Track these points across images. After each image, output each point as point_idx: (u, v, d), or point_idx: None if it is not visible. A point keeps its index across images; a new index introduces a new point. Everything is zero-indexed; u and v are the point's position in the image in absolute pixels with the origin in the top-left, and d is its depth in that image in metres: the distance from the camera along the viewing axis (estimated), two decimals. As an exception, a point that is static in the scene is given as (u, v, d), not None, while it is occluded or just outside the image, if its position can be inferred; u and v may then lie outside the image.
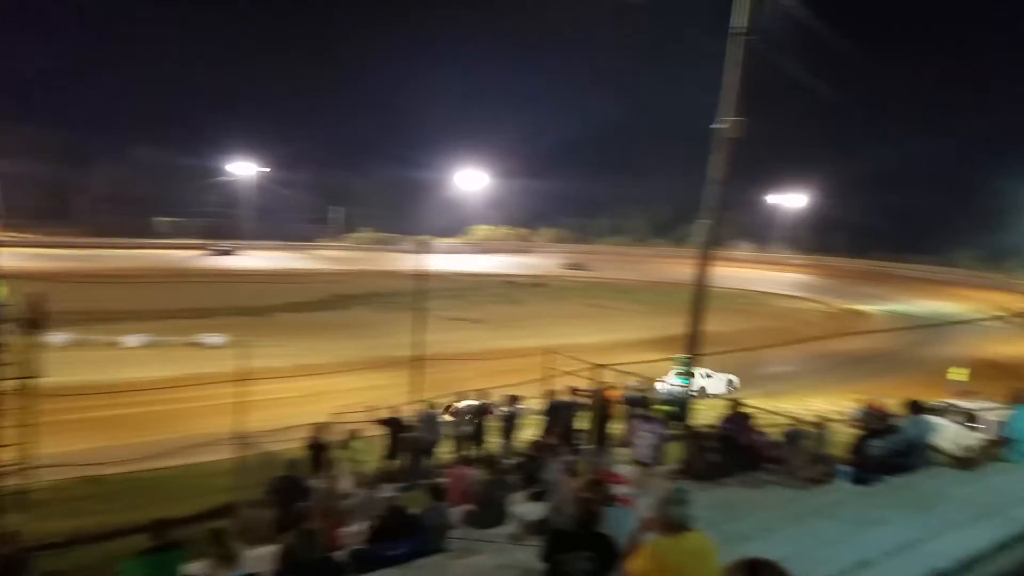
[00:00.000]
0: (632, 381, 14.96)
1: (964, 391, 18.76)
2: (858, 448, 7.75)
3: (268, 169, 72.16)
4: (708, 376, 20.50)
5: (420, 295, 17.25)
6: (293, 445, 10.93)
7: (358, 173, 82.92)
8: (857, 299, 46.38)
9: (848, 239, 75.17)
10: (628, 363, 12.08)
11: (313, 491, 8.45)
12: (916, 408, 8.43)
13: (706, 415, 14.91)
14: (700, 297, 13.70)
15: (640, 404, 13.33)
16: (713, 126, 12.80)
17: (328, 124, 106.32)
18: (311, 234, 75.57)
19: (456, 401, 13.88)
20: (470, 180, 77.46)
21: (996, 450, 7.34)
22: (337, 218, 79.93)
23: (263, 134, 73.93)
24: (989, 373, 21.50)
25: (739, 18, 12.37)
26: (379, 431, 12.40)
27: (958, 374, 22.47)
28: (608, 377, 13.96)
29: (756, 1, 12.24)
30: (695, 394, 15.13)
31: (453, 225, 79.61)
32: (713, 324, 12.19)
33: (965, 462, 7.68)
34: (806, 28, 13.36)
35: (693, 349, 13.92)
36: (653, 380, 15.15)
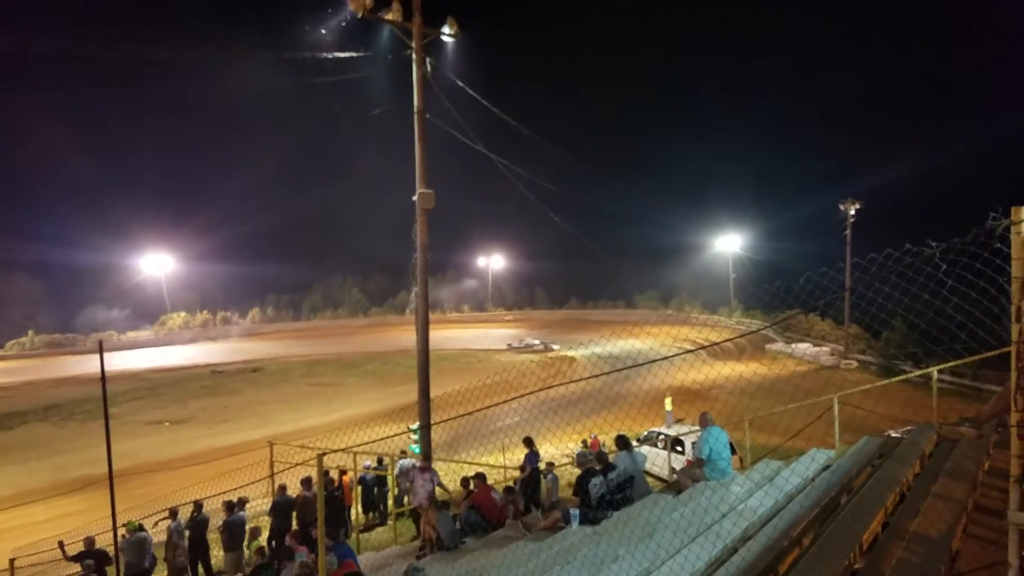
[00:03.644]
0: (367, 460, 14.39)
1: (675, 418, 21.34)
2: (582, 489, 8.13)
3: None
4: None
5: (107, 400, 14.98)
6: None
7: (12, 267, 70.53)
8: (564, 346, 51.09)
9: (546, 292, 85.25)
10: (363, 443, 11.54)
11: None
12: (623, 442, 9.20)
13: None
14: (425, 363, 13.76)
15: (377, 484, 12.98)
16: (413, 198, 13.23)
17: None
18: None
19: (166, 517, 12.27)
20: (156, 265, 71.18)
21: (697, 471, 8.22)
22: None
23: None
24: (684, 399, 25.08)
25: (418, 99, 13.16)
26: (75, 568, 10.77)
27: (669, 404, 25.72)
28: (341, 460, 13.23)
29: (425, 84, 13.13)
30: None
31: (142, 316, 71.47)
32: (441, 387, 12.28)
33: (675, 486, 8.51)
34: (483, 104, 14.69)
35: (426, 416, 13.85)
36: (393, 455, 14.68)
